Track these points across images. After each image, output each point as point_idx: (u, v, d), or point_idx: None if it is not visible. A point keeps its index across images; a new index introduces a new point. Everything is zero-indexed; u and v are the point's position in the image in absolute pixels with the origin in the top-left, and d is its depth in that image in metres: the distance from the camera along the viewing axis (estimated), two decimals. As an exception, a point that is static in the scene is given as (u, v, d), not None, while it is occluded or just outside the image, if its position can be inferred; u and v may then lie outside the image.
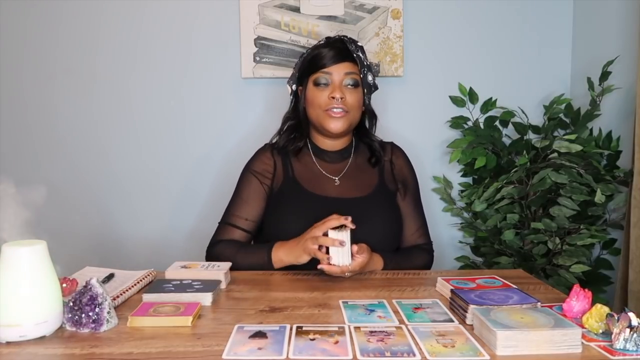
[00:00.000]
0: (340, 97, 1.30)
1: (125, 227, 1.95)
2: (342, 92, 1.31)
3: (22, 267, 0.80)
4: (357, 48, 1.34)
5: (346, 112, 1.32)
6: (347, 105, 1.31)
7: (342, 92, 1.30)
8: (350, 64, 1.32)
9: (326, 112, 1.32)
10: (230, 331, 0.84)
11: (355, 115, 1.36)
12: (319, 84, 1.32)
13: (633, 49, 1.55)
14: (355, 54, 1.32)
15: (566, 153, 1.60)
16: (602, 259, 1.70)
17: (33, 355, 0.77)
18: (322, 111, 1.32)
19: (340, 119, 1.32)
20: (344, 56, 1.32)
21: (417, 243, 1.39)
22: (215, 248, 1.31)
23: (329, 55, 1.31)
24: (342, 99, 1.30)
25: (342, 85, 1.31)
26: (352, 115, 1.34)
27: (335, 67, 1.31)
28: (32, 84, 1.92)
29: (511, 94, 1.90)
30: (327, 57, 1.31)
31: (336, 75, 1.31)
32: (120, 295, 0.99)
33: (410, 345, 0.78)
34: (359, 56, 1.33)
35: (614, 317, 0.79)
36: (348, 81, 1.32)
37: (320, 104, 1.32)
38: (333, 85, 1.31)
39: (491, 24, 1.94)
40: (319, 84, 1.32)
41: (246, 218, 1.34)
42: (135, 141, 1.94)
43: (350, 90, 1.32)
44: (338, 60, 1.31)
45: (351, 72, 1.32)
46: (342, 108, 1.31)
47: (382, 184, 1.38)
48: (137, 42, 1.91)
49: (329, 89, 1.32)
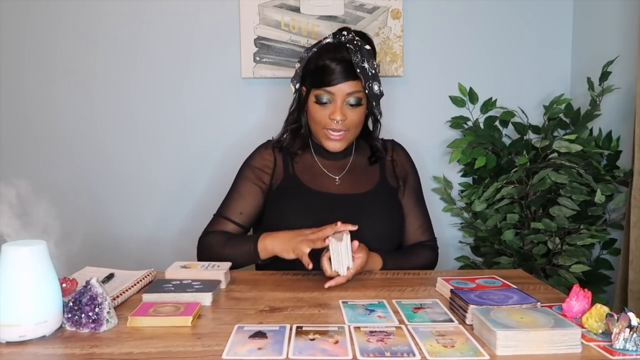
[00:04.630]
0: (341, 119, 1.27)
1: (125, 227, 1.95)
2: (343, 114, 1.27)
3: (22, 267, 0.80)
4: (362, 58, 1.26)
5: (345, 131, 1.30)
6: (347, 125, 1.29)
7: (342, 113, 1.27)
8: (354, 82, 1.27)
9: (325, 131, 1.30)
10: (230, 331, 0.84)
11: (355, 132, 1.34)
12: (320, 102, 1.29)
13: (633, 49, 1.55)
14: (360, 66, 1.26)
15: (566, 153, 1.60)
16: (602, 259, 1.70)
17: (33, 355, 0.77)
18: (321, 129, 1.31)
19: (339, 140, 1.31)
20: (347, 73, 1.26)
21: (420, 240, 1.39)
22: (206, 238, 1.32)
23: (334, 72, 1.26)
24: (343, 120, 1.28)
25: (343, 104, 1.28)
26: (352, 132, 1.33)
27: (338, 87, 1.26)
28: (32, 84, 1.92)
29: (511, 94, 1.90)
30: (332, 75, 1.26)
31: (338, 95, 1.27)
32: (120, 295, 0.99)
33: (410, 345, 0.78)
34: (363, 69, 1.26)
35: (614, 317, 0.79)
36: (350, 100, 1.28)
37: (320, 122, 1.30)
38: (335, 105, 1.28)
39: (491, 24, 1.94)
40: (321, 102, 1.29)
41: (240, 212, 1.33)
42: (135, 141, 1.94)
43: (351, 109, 1.29)
44: (342, 79, 1.26)
45: (354, 91, 1.27)
46: (341, 129, 1.29)
47: (384, 180, 1.38)
48: (137, 42, 1.91)
49: (329, 109, 1.28)
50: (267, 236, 1.21)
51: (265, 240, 1.21)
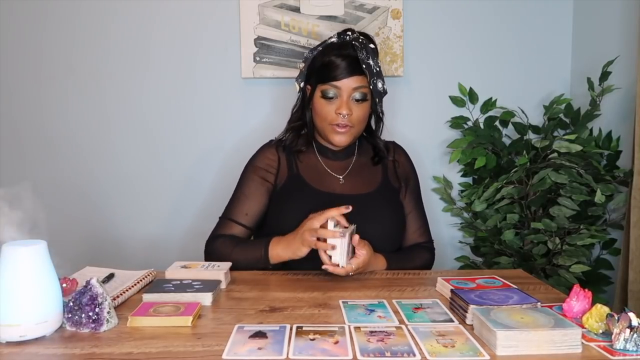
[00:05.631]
0: (347, 113, 1.29)
1: (125, 227, 1.95)
2: (349, 108, 1.29)
3: (22, 267, 0.80)
4: (367, 55, 1.29)
5: (351, 127, 1.31)
6: (353, 121, 1.31)
7: (348, 108, 1.29)
8: (360, 77, 1.29)
9: (331, 125, 1.31)
10: (230, 331, 0.84)
11: (360, 128, 1.35)
12: (326, 97, 1.30)
13: (633, 49, 1.55)
14: (366, 62, 1.29)
15: (566, 153, 1.60)
16: (602, 259, 1.70)
17: (33, 355, 0.77)
18: (327, 124, 1.32)
19: (345, 134, 1.32)
20: (353, 69, 1.28)
21: (418, 241, 1.40)
22: (213, 243, 1.32)
23: (340, 67, 1.28)
24: (349, 115, 1.29)
25: (349, 99, 1.29)
26: (357, 129, 1.34)
27: (344, 82, 1.28)
28: (32, 84, 1.92)
29: (511, 94, 1.90)
30: (338, 70, 1.28)
31: (345, 90, 1.29)
32: (120, 295, 0.99)
33: (410, 345, 0.78)
34: (369, 65, 1.29)
35: (614, 317, 0.79)
36: (356, 96, 1.29)
37: (326, 117, 1.31)
38: (341, 100, 1.29)
39: (491, 24, 1.94)
40: (327, 97, 1.30)
41: (246, 213, 1.34)
42: (135, 141, 1.94)
43: (357, 105, 1.30)
44: (348, 74, 1.28)
45: (360, 86, 1.29)
46: (347, 124, 1.30)
47: (386, 181, 1.39)
48: (137, 42, 1.91)
49: (336, 103, 1.30)
50: (277, 243, 1.22)
51: (276, 247, 1.21)
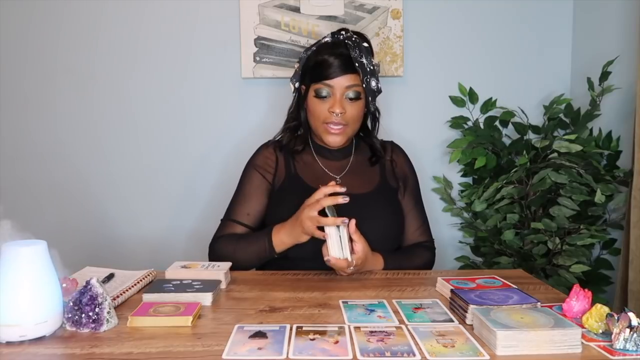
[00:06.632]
0: (340, 112, 1.28)
1: (125, 227, 1.95)
2: (342, 107, 1.28)
3: (22, 267, 0.80)
4: (360, 54, 1.29)
5: (345, 126, 1.31)
6: (347, 119, 1.30)
7: (342, 106, 1.28)
8: (353, 75, 1.29)
9: (325, 125, 1.31)
10: (230, 331, 0.84)
11: (355, 127, 1.35)
12: (320, 96, 1.30)
13: (633, 49, 1.55)
14: (359, 61, 1.28)
15: (566, 153, 1.60)
16: (602, 259, 1.70)
17: (33, 355, 0.77)
18: (321, 123, 1.31)
19: (339, 134, 1.31)
20: (346, 67, 1.28)
21: (418, 240, 1.39)
22: (216, 244, 1.32)
23: (332, 66, 1.28)
24: (342, 113, 1.29)
25: (343, 98, 1.29)
26: (351, 128, 1.33)
27: (337, 80, 1.28)
28: (32, 84, 1.92)
29: (511, 94, 1.90)
30: (330, 68, 1.28)
31: (338, 88, 1.28)
32: (120, 295, 0.99)
33: (410, 345, 0.78)
34: (362, 63, 1.29)
35: (614, 317, 0.79)
36: (349, 94, 1.29)
37: (319, 116, 1.31)
38: (334, 99, 1.29)
39: (491, 24, 1.94)
40: (320, 96, 1.30)
41: (248, 213, 1.34)
42: (135, 141, 1.94)
43: (351, 103, 1.30)
44: (340, 72, 1.28)
45: (353, 84, 1.29)
46: (341, 123, 1.30)
47: (384, 181, 1.39)
48: (137, 42, 1.91)
49: (329, 102, 1.29)
50: (279, 231, 1.23)
51: (279, 234, 1.22)
